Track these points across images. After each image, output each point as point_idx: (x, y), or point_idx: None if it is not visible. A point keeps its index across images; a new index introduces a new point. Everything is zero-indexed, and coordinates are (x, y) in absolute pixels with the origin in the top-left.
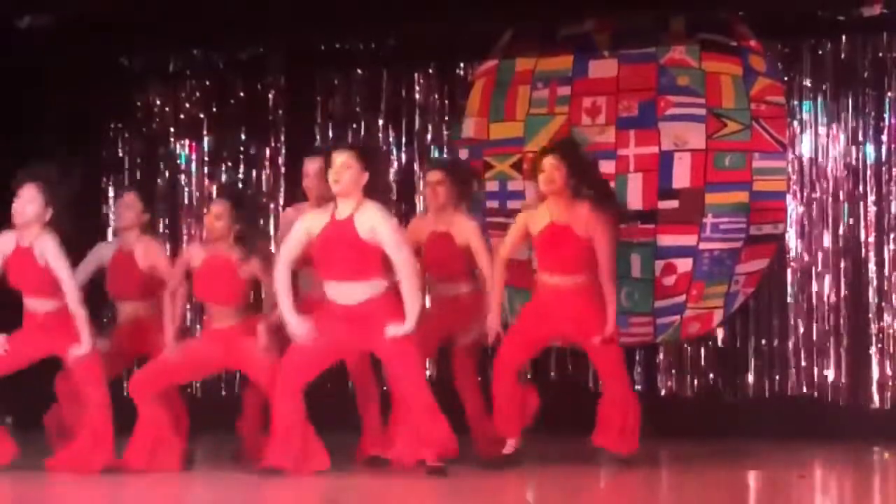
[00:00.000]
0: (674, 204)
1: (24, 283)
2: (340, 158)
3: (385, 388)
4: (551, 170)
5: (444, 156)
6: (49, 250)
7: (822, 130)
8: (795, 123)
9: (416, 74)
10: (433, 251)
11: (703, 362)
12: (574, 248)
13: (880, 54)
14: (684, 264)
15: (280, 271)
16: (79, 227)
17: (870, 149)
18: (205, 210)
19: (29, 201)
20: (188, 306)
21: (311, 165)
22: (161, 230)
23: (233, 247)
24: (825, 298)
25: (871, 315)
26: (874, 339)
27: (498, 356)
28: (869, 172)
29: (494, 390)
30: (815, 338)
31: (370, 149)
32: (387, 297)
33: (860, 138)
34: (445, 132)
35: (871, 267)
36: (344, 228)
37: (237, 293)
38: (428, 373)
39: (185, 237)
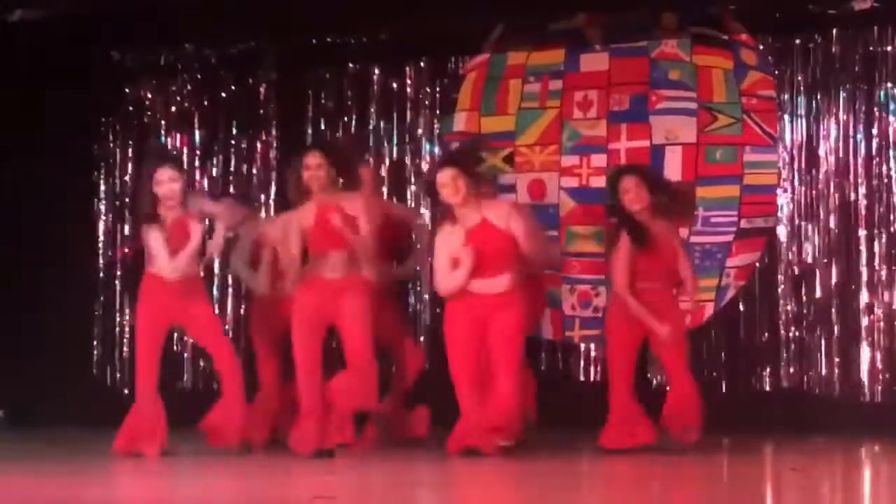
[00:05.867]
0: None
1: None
2: (450, 174)
3: None
4: (637, 189)
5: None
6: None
7: (813, 124)
8: (786, 117)
9: (407, 68)
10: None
11: (693, 355)
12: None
13: (871, 48)
14: None
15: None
16: (71, 219)
17: (861, 143)
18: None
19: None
20: None
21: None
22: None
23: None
24: (816, 292)
25: (861, 308)
26: (864, 332)
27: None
28: (860, 166)
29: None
30: (805, 331)
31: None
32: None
33: (851, 132)
34: (437, 126)
35: (862, 261)
36: (487, 229)
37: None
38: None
39: None
